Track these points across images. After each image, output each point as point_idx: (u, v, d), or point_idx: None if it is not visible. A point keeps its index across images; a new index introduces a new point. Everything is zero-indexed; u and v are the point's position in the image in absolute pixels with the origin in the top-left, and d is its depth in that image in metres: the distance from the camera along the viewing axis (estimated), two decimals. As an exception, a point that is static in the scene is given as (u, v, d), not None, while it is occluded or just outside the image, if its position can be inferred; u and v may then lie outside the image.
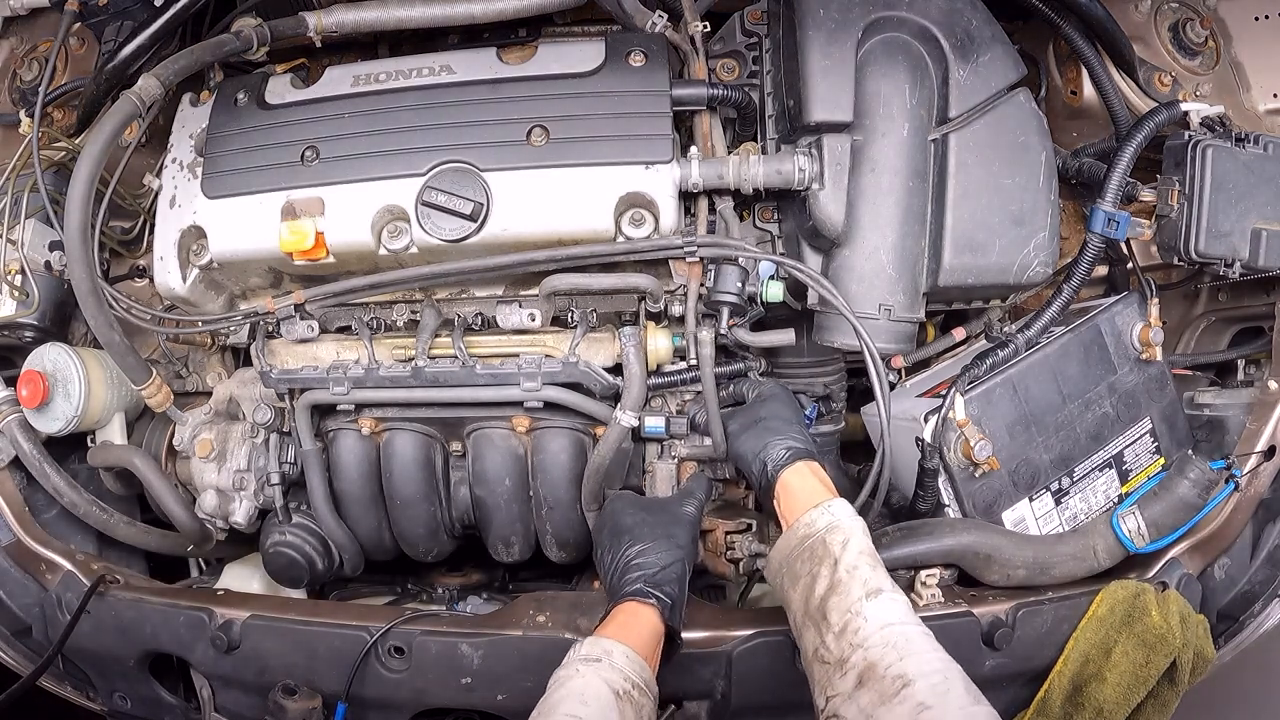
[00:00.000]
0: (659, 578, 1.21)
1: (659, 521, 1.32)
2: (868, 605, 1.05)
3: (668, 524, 1.32)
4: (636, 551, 1.25)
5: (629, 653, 1.09)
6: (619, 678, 1.05)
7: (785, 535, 1.20)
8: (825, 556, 1.12)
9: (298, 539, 1.62)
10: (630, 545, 1.27)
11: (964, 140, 1.35)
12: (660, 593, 1.18)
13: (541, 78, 1.40)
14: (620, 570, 1.24)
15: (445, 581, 1.92)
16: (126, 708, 1.63)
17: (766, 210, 1.52)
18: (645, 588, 1.19)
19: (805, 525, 1.17)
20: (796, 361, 1.68)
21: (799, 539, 1.17)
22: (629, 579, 1.21)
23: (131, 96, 1.32)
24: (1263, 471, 1.47)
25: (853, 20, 1.33)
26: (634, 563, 1.24)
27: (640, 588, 1.19)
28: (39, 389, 1.54)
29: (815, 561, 1.12)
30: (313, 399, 1.54)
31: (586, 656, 1.08)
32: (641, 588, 1.19)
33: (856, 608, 1.05)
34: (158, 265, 1.45)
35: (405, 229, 1.37)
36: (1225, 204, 1.34)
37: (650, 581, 1.20)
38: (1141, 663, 1.34)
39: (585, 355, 1.50)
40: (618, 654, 1.08)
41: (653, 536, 1.28)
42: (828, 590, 1.08)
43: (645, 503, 1.43)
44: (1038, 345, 1.48)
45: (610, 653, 1.08)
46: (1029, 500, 1.48)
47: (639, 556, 1.24)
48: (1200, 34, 1.59)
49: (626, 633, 1.13)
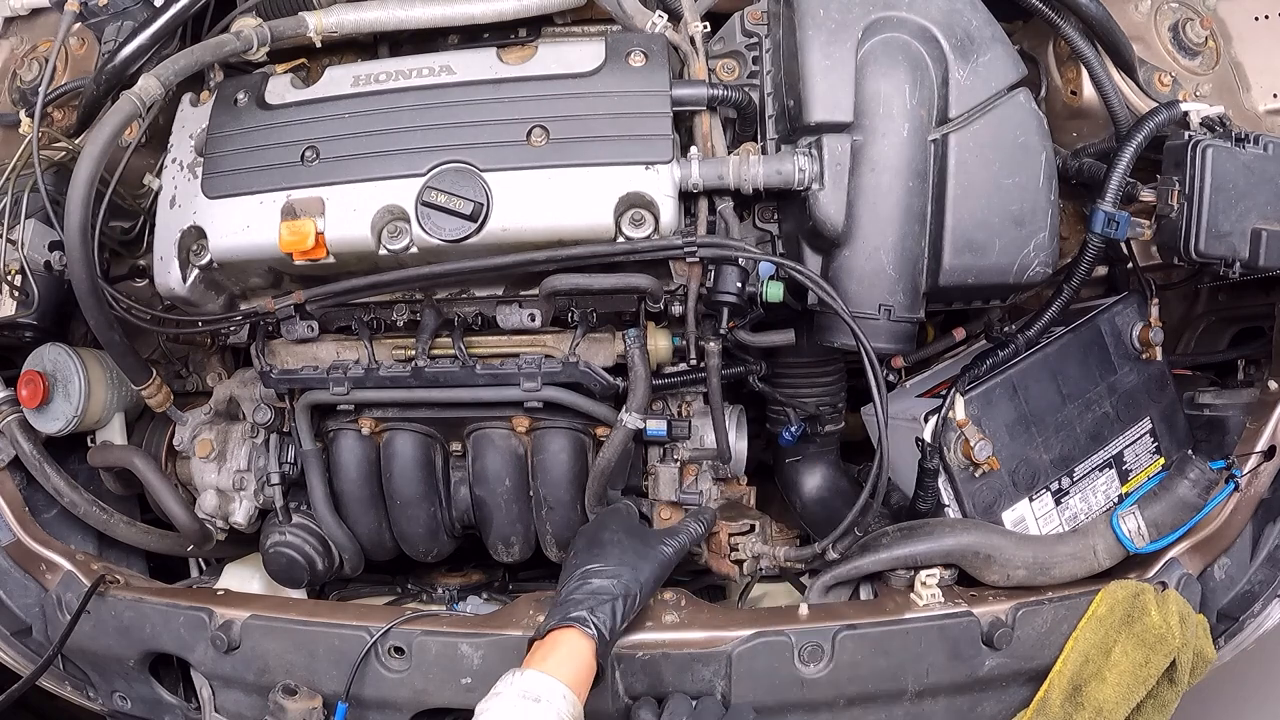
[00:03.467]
0: (603, 607, 1.22)
1: (632, 549, 1.34)
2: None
3: (638, 555, 1.33)
4: (595, 570, 1.28)
5: (566, 692, 1.10)
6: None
7: None
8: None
9: (298, 539, 1.62)
10: (593, 562, 1.29)
11: (964, 140, 1.35)
12: (600, 624, 1.19)
13: (541, 78, 1.40)
14: (574, 583, 1.26)
15: (445, 581, 1.92)
16: (126, 708, 1.63)
17: (766, 210, 1.51)
18: (588, 616, 1.19)
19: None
20: (796, 362, 1.68)
21: None
22: (576, 599, 1.23)
23: (131, 96, 1.32)
24: (1263, 471, 1.47)
25: (853, 20, 1.33)
26: (589, 584, 1.26)
27: (584, 615, 1.19)
28: (39, 389, 1.54)
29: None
30: (313, 399, 1.54)
31: (526, 693, 1.08)
32: (585, 615, 1.19)
33: None
34: (158, 265, 1.45)
35: (405, 229, 1.36)
36: (1225, 204, 1.34)
37: (595, 610, 1.21)
38: (1141, 662, 1.34)
39: (585, 355, 1.50)
40: (556, 695, 1.09)
41: (619, 562, 1.30)
42: None
43: (630, 526, 1.44)
44: (1038, 345, 1.48)
45: (551, 692, 1.09)
46: (1029, 500, 1.48)
47: (596, 577, 1.27)
48: (1200, 34, 1.59)
49: (565, 668, 1.13)
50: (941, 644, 1.37)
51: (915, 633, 1.36)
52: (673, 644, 1.38)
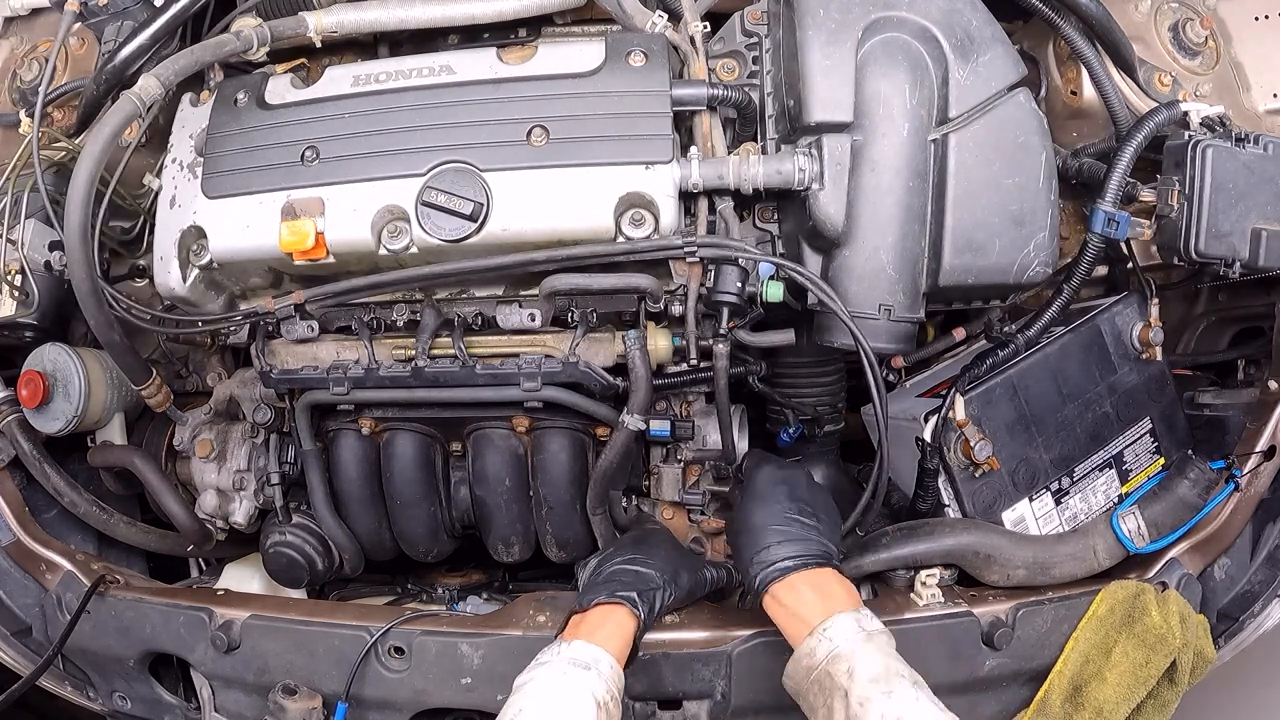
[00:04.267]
0: (648, 594, 1.22)
1: (678, 559, 1.34)
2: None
3: (683, 565, 1.33)
4: (644, 560, 1.27)
5: (613, 663, 1.11)
6: (603, 689, 1.07)
7: (792, 661, 1.15)
8: (834, 690, 1.06)
9: (298, 539, 1.62)
10: (641, 554, 1.29)
11: (964, 140, 1.35)
12: (645, 609, 1.19)
13: (541, 78, 1.40)
14: (620, 565, 1.26)
15: (445, 581, 1.92)
16: (126, 708, 1.63)
17: (766, 210, 1.51)
18: (637, 598, 1.19)
19: (806, 656, 1.12)
20: (796, 362, 1.68)
21: (804, 670, 1.12)
22: (624, 580, 1.23)
23: (131, 96, 1.32)
24: (1263, 471, 1.47)
25: (853, 20, 1.33)
26: (637, 570, 1.25)
27: (633, 596, 1.19)
28: (39, 389, 1.54)
29: (826, 694, 1.07)
30: (313, 399, 1.54)
31: (575, 660, 1.09)
32: (634, 597, 1.19)
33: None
34: (158, 265, 1.45)
35: (405, 229, 1.36)
36: (1225, 204, 1.34)
37: (643, 594, 1.21)
38: (1141, 663, 1.34)
39: (585, 355, 1.50)
40: (604, 664, 1.09)
41: (665, 561, 1.30)
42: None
43: (677, 543, 1.46)
44: (1038, 345, 1.48)
45: (599, 661, 1.09)
46: (1029, 500, 1.48)
47: (644, 566, 1.26)
48: (1200, 34, 1.59)
49: (613, 641, 1.14)
50: (941, 644, 1.37)
51: (915, 632, 1.36)
52: (673, 644, 1.38)
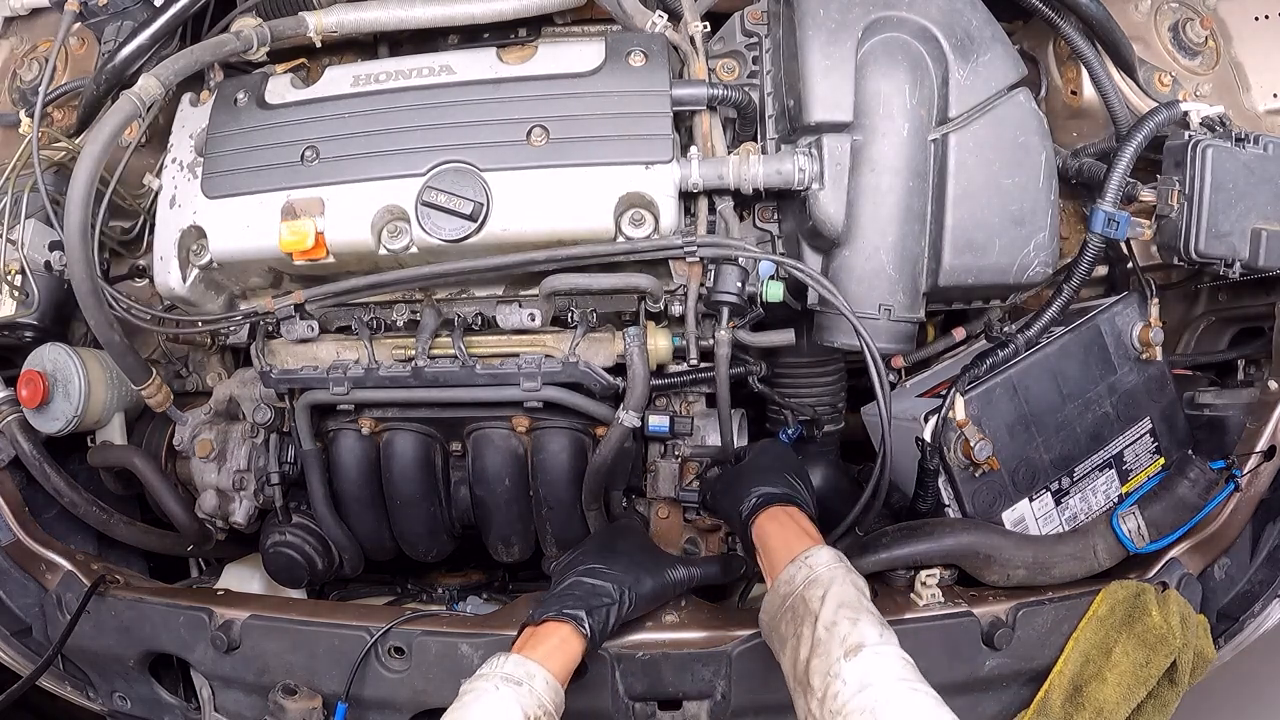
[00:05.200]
0: (599, 610, 1.22)
1: (640, 563, 1.34)
2: (846, 666, 0.99)
3: (644, 570, 1.33)
4: (599, 571, 1.28)
5: (549, 679, 1.11)
6: (534, 704, 1.07)
7: (769, 595, 1.15)
8: (806, 615, 1.07)
9: (298, 539, 1.62)
10: (599, 563, 1.30)
11: (964, 140, 1.35)
12: (594, 625, 1.20)
13: (541, 78, 1.40)
14: (576, 578, 1.27)
15: (445, 581, 1.92)
16: (126, 708, 1.63)
17: (766, 210, 1.52)
18: (585, 617, 1.20)
19: (785, 583, 1.13)
20: (796, 362, 1.68)
21: (780, 598, 1.12)
22: (575, 594, 1.24)
23: (131, 96, 1.32)
24: (1263, 471, 1.47)
25: (853, 20, 1.33)
26: (590, 582, 1.26)
27: (581, 615, 1.20)
28: (39, 389, 1.54)
29: (797, 622, 1.08)
30: (313, 399, 1.54)
31: (509, 676, 1.09)
32: (582, 615, 1.20)
33: (835, 669, 0.99)
34: (158, 265, 1.45)
35: (405, 229, 1.37)
36: (1225, 204, 1.34)
37: (593, 611, 1.21)
38: (1142, 663, 1.34)
39: (585, 355, 1.50)
40: (539, 680, 1.10)
41: (624, 570, 1.30)
42: (810, 653, 1.04)
43: (644, 543, 1.46)
44: (1038, 345, 1.48)
45: (533, 677, 1.10)
46: (1029, 500, 1.48)
47: (598, 577, 1.27)
48: (1200, 34, 1.59)
49: (553, 658, 1.14)
50: (942, 644, 1.37)
51: (915, 632, 1.36)
52: (673, 644, 1.38)
